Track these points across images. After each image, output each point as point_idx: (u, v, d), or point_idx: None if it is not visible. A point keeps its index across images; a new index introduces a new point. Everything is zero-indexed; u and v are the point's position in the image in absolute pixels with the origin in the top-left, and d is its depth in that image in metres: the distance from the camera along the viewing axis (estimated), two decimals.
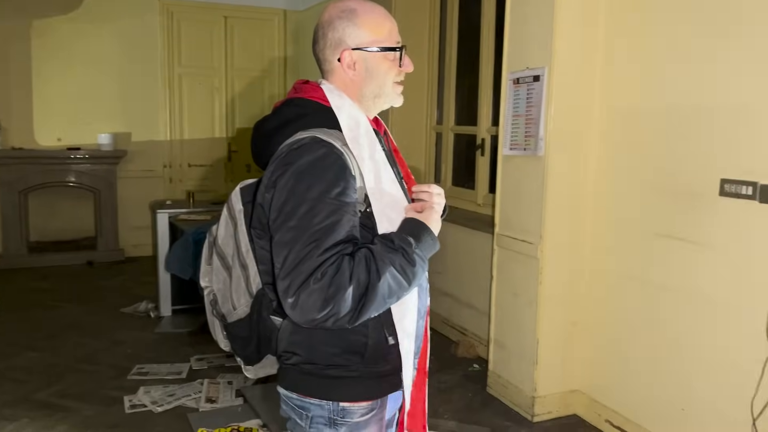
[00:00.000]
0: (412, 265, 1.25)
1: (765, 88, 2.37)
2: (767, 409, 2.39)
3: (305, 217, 1.22)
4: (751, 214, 2.43)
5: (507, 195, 3.41)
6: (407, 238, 1.26)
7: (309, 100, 1.39)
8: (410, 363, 1.38)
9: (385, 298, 1.23)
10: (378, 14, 1.39)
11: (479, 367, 3.90)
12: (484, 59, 4.33)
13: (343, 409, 1.37)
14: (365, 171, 1.30)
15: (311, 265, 1.18)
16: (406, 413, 1.44)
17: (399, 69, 1.40)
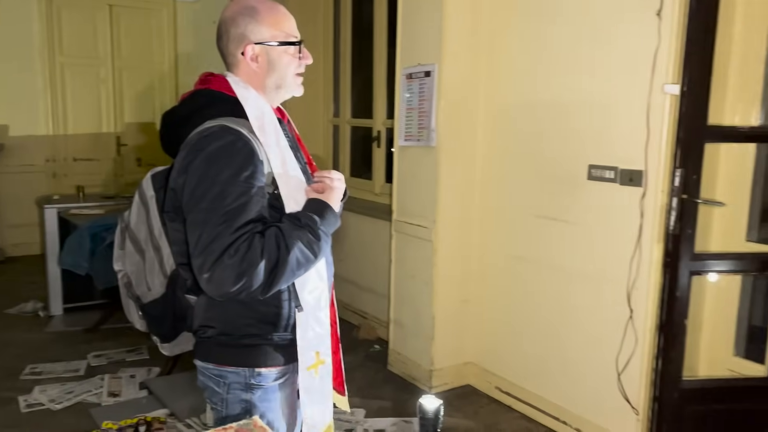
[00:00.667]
0: (317, 239, 1.40)
1: (622, 87, 2.71)
2: (630, 364, 2.75)
3: (217, 199, 1.33)
4: (612, 194, 2.78)
5: (403, 183, 3.63)
6: (312, 216, 1.41)
7: (215, 91, 1.49)
8: (313, 328, 1.51)
9: (294, 270, 1.37)
10: (277, 12, 1.52)
11: (380, 347, 4.11)
12: (377, 55, 4.53)
13: (258, 374, 1.50)
14: (272, 156, 1.42)
15: (224, 243, 1.30)
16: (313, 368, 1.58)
17: (299, 61, 1.53)
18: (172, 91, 6.90)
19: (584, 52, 2.88)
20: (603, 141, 2.83)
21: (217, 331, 1.50)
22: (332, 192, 1.49)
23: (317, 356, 1.56)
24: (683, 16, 2.43)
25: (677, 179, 2.43)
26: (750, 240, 2.75)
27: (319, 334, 1.54)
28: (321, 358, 1.56)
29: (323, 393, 1.60)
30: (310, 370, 1.56)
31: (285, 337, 1.51)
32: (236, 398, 1.52)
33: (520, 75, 3.22)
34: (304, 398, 1.56)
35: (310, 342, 1.53)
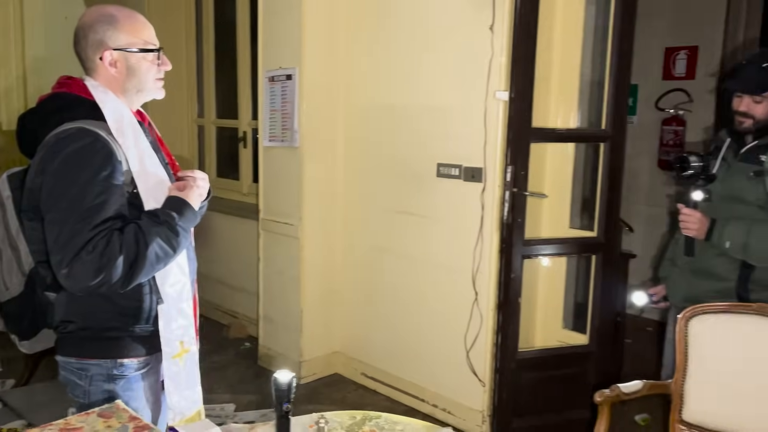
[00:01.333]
0: (176, 235, 1.50)
1: (463, 93, 3.01)
2: (476, 342, 3.06)
3: (75, 198, 1.41)
4: (458, 190, 3.08)
5: (269, 183, 3.75)
6: (171, 213, 1.51)
7: (73, 95, 1.55)
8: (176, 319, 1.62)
9: (153, 264, 1.47)
10: (136, 19, 1.60)
11: (250, 344, 4.20)
12: (241, 57, 4.59)
13: (120, 365, 1.58)
14: (130, 157, 1.51)
15: (82, 239, 1.38)
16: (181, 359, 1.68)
17: (158, 68, 1.62)
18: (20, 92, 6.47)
19: (431, 60, 3.15)
20: (449, 141, 3.12)
21: (78, 326, 1.56)
22: (192, 190, 1.60)
23: (182, 345, 1.66)
24: (511, 31, 2.76)
25: (508, 175, 2.76)
26: (573, 227, 3.17)
27: (183, 325, 1.64)
28: (186, 347, 1.67)
29: (190, 380, 1.69)
30: (175, 359, 1.65)
31: (147, 328, 1.60)
32: (99, 389, 1.59)
33: (375, 79, 3.45)
34: (170, 386, 1.65)
35: (174, 332, 1.62)
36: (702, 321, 2.14)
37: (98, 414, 1.28)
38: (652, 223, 4.61)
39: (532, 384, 2.92)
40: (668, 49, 4.58)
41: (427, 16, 3.14)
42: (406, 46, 3.26)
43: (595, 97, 3.14)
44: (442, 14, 3.08)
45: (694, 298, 2.29)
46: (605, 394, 2.15)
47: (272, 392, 1.47)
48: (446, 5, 3.04)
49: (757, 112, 2.18)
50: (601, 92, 3.03)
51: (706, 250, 2.28)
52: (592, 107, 3.16)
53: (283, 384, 1.45)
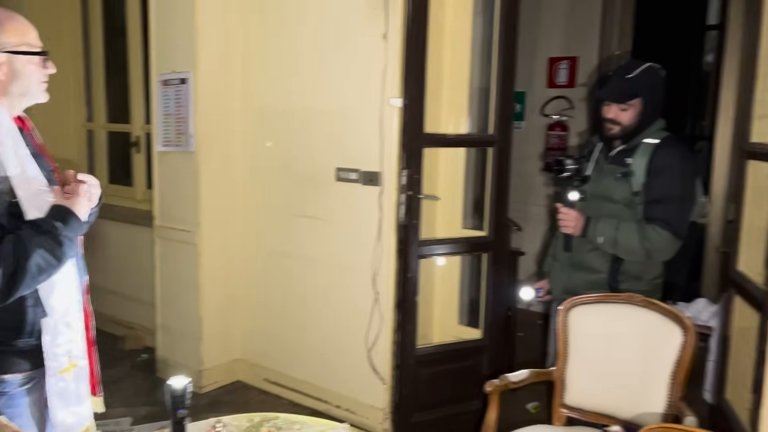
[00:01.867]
0: (60, 245, 1.47)
1: (360, 99, 3.09)
2: (377, 340, 3.15)
3: None
4: (357, 193, 3.16)
5: (164, 189, 3.66)
6: (54, 222, 1.48)
7: None
8: (63, 333, 1.58)
9: (35, 276, 1.43)
10: (21, 22, 1.57)
11: (147, 355, 4.06)
12: (132, 59, 4.44)
13: (1, 381, 1.53)
14: (9, 165, 1.47)
15: None
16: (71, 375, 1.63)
17: (43, 71, 1.59)
18: None
19: (328, 66, 3.21)
20: (347, 146, 3.19)
21: None
22: (79, 198, 1.56)
23: (69, 360, 1.62)
24: (403, 40, 2.87)
25: (404, 179, 2.87)
26: (465, 227, 3.33)
27: (71, 339, 1.60)
28: (73, 361, 1.62)
29: (79, 395, 1.65)
30: (63, 374, 1.61)
31: (30, 342, 1.55)
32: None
33: (273, 84, 3.46)
34: (56, 402, 1.60)
35: (61, 347, 1.58)
36: (579, 311, 2.33)
37: None
38: (540, 221, 4.90)
39: (430, 379, 3.04)
40: (552, 59, 4.89)
41: (323, 23, 3.20)
42: (304, 52, 3.29)
43: (483, 104, 3.32)
44: (338, 21, 3.14)
45: (572, 289, 2.49)
46: (495, 384, 2.29)
47: (167, 399, 1.46)
48: (342, 13, 3.11)
49: (623, 120, 2.40)
50: (488, 99, 3.21)
51: (582, 246, 2.49)
52: (481, 113, 3.33)
53: (177, 390, 1.45)
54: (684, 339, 2.11)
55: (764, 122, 2.35)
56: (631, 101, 2.37)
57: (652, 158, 2.35)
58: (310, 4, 3.23)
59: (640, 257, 2.37)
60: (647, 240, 2.32)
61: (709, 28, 5.78)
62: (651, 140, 2.39)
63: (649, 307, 2.21)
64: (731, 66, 4.51)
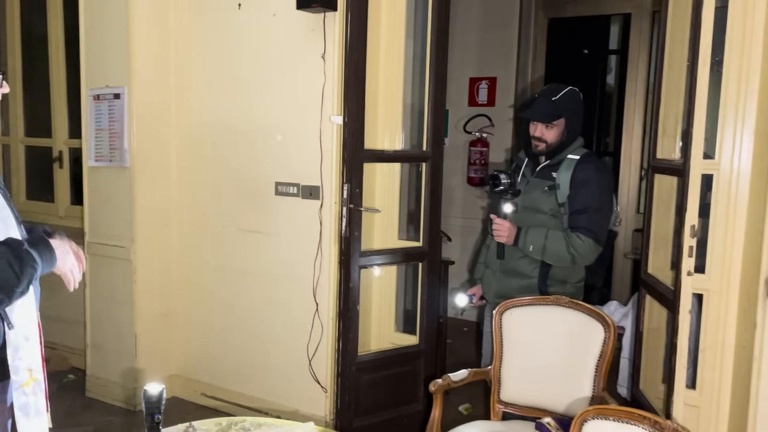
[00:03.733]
0: (22, 261, 1.47)
1: (299, 116, 3.18)
2: (318, 350, 3.23)
3: None
4: (297, 207, 3.24)
5: (95, 204, 3.59)
6: (22, 243, 1.50)
7: None
8: (24, 346, 1.59)
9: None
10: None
11: (74, 376, 3.94)
12: (54, 71, 4.32)
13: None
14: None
15: None
16: None
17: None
18: None
19: (267, 83, 3.29)
20: (286, 161, 3.27)
21: None
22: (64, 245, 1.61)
23: (30, 374, 1.62)
24: (342, 61, 3.01)
25: (345, 192, 2.99)
26: (401, 238, 3.49)
27: (30, 353, 1.61)
28: (34, 375, 1.63)
29: (38, 409, 1.66)
30: (24, 388, 1.61)
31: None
32: None
33: (210, 100, 3.49)
34: (20, 417, 1.60)
35: (22, 360, 1.59)
36: (511, 314, 2.53)
37: None
38: (465, 232, 5.16)
39: (371, 384, 3.16)
40: (472, 79, 5.18)
41: (262, 41, 3.28)
42: (243, 69, 3.36)
43: (416, 121, 3.50)
44: (277, 41, 3.23)
45: (505, 294, 2.70)
46: (438, 384, 2.44)
47: (143, 405, 1.51)
48: (280, 33, 3.21)
49: (548, 138, 2.64)
50: (419, 116, 3.40)
51: (513, 253, 2.70)
52: (414, 130, 3.51)
53: (153, 396, 1.50)
54: (605, 335, 2.35)
55: (666, 141, 2.66)
56: (556, 121, 2.61)
57: (575, 172, 2.60)
58: (248, 23, 3.30)
59: (566, 263, 2.61)
60: (573, 247, 2.56)
61: (610, 53, 6.29)
62: (573, 156, 2.64)
63: (574, 308, 2.43)
64: (632, 88, 4.97)
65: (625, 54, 5.30)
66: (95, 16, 3.48)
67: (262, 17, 3.25)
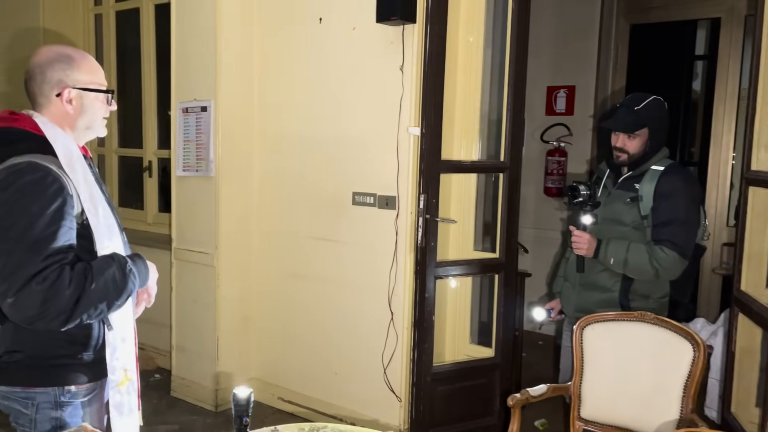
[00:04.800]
0: (126, 280, 1.56)
1: (376, 127, 3.23)
2: (393, 359, 3.25)
3: (25, 228, 1.45)
4: (373, 216, 3.28)
5: (182, 212, 3.76)
6: (126, 259, 1.59)
7: (20, 129, 1.60)
8: (121, 347, 1.68)
9: (96, 303, 1.51)
10: (91, 61, 1.69)
11: (160, 376, 4.13)
12: (146, 85, 4.57)
13: (68, 392, 1.63)
14: (81, 191, 1.57)
15: (32, 270, 1.42)
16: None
17: (106, 107, 1.72)
18: None
19: (346, 94, 3.35)
20: (363, 171, 3.32)
21: (25, 355, 1.59)
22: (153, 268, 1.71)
23: (125, 374, 1.72)
24: (420, 72, 3.03)
25: (421, 203, 3.00)
26: (477, 249, 3.47)
27: (126, 353, 1.70)
28: (128, 375, 1.73)
29: (131, 408, 1.76)
30: (119, 387, 1.70)
31: (92, 356, 1.65)
32: (46, 417, 1.62)
33: (291, 111, 3.60)
34: (115, 414, 1.70)
35: (119, 360, 1.68)
36: (593, 329, 2.46)
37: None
38: (540, 244, 5.06)
39: (446, 396, 3.15)
40: (550, 87, 5.09)
41: (341, 53, 3.35)
42: (322, 82, 3.44)
43: (493, 131, 3.48)
44: (355, 54, 3.30)
45: (584, 308, 2.63)
46: (516, 398, 2.40)
47: (232, 407, 1.56)
48: (359, 45, 3.27)
49: (630, 148, 2.56)
50: (496, 126, 3.38)
51: (594, 267, 2.63)
52: (491, 140, 3.49)
53: (242, 399, 1.55)
54: (695, 354, 2.24)
55: (762, 151, 2.53)
56: (639, 131, 2.54)
57: (659, 184, 2.51)
58: (329, 37, 3.38)
59: (649, 277, 2.52)
60: (656, 260, 2.47)
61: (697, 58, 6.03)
62: (657, 167, 2.55)
63: (660, 325, 2.34)
64: (722, 95, 4.74)
65: (712, 59, 5.07)
66: (185, 33, 3.66)
67: (342, 30, 3.33)
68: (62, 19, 4.84)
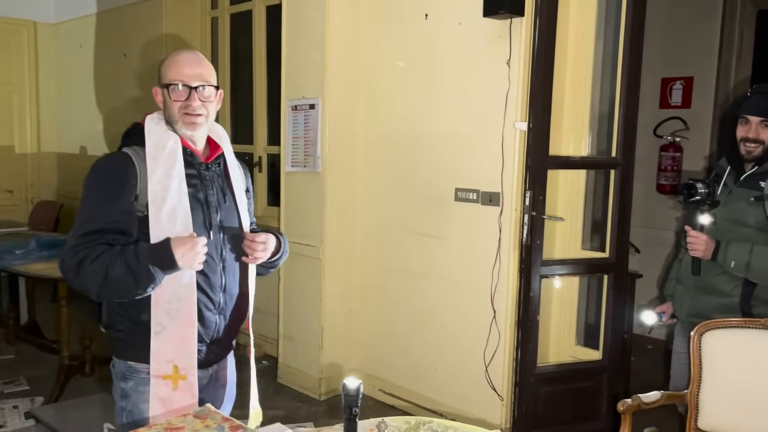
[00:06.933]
0: (140, 272, 1.58)
1: (481, 122, 3.20)
2: (495, 357, 3.22)
3: (83, 207, 1.65)
4: (476, 213, 3.26)
5: (290, 206, 3.91)
6: (146, 252, 1.60)
7: (138, 124, 1.77)
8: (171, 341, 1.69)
9: (119, 289, 1.59)
10: (179, 59, 1.74)
11: (268, 363, 4.32)
12: (257, 84, 4.77)
13: (130, 366, 1.75)
14: (152, 182, 1.65)
15: (72, 242, 1.61)
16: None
17: (182, 102, 1.71)
18: (33, 114, 6.63)
19: (450, 90, 3.35)
20: (467, 167, 3.30)
21: (105, 324, 1.77)
22: (187, 245, 1.62)
23: (175, 370, 1.70)
24: (528, 66, 2.97)
25: (527, 199, 2.95)
26: (585, 248, 3.36)
27: (177, 348, 1.70)
28: (181, 373, 1.70)
29: (183, 407, 1.71)
30: (166, 380, 1.70)
31: (143, 340, 1.69)
32: (118, 385, 1.78)
33: (395, 108, 3.64)
34: (157, 405, 1.70)
35: (165, 352, 1.69)
36: (713, 335, 2.32)
37: (194, 416, 1.42)
38: (649, 244, 4.81)
39: (550, 397, 3.08)
40: (665, 79, 4.82)
41: (446, 49, 3.35)
42: (428, 77, 3.45)
43: (604, 126, 3.35)
44: (461, 48, 3.28)
45: (700, 313, 2.48)
46: (627, 404, 2.31)
47: (342, 397, 1.61)
48: (464, 42, 3.25)
49: (766, 137, 2.37)
50: (607, 121, 3.25)
51: (711, 269, 2.47)
52: (601, 135, 3.37)
53: (352, 389, 1.59)
54: None
55: None
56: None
57: None
58: (434, 32, 3.39)
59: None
60: None
61: None
62: None
63: None
64: None
65: None
66: (296, 34, 3.79)
67: (448, 26, 3.32)
68: (182, 24, 5.16)
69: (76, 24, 6.28)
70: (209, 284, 1.75)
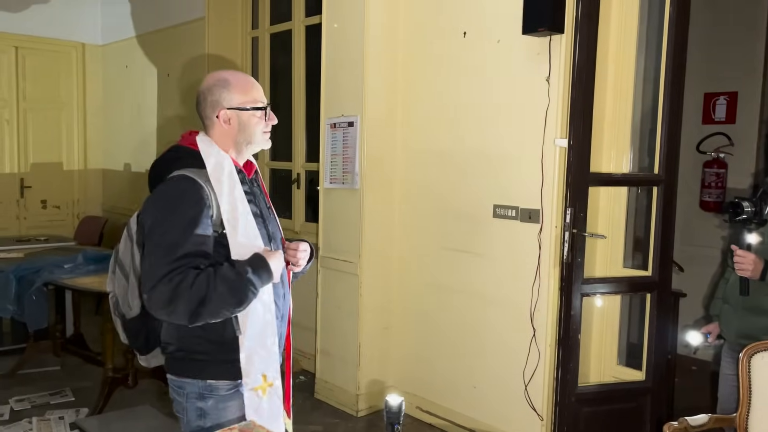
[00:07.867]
0: (243, 290, 1.63)
1: (520, 139, 3.19)
2: (534, 376, 3.18)
3: (163, 233, 1.63)
4: (515, 230, 3.24)
5: (328, 222, 3.95)
6: (246, 267, 1.66)
7: (185, 147, 1.79)
8: (258, 352, 1.74)
9: (219, 308, 1.61)
10: (246, 82, 1.81)
11: (305, 377, 4.34)
12: (296, 102, 4.85)
13: (209, 385, 1.76)
14: (222, 203, 1.70)
15: (162, 271, 1.59)
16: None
17: (265, 122, 1.82)
18: (81, 132, 6.86)
19: (487, 107, 3.35)
20: (505, 184, 3.29)
21: (175, 347, 1.77)
22: (275, 255, 1.73)
23: (264, 379, 1.77)
24: (568, 83, 2.96)
25: (568, 216, 2.92)
26: (626, 266, 3.30)
27: (264, 358, 1.75)
28: (269, 380, 1.77)
29: (272, 413, 1.80)
30: (257, 391, 1.77)
31: (232, 356, 1.74)
32: (193, 406, 1.78)
33: (433, 125, 3.65)
34: (253, 416, 1.75)
35: (255, 365, 1.74)
36: (764, 357, 2.25)
37: (239, 429, 1.44)
38: (693, 262, 4.69)
39: (591, 418, 3.02)
40: (708, 94, 4.74)
41: (485, 66, 3.35)
42: (466, 94, 3.46)
43: (645, 142, 3.30)
44: (499, 65, 3.29)
45: (749, 334, 2.41)
46: (674, 426, 2.25)
47: (384, 414, 1.61)
48: (504, 57, 3.25)
49: None
50: (648, 137, 3.20)
51: (760, 289, 2.41)
52: (643, 151, 3.32)
53: (394, 407, 1.59)
54: None
55: None
56: None
57: None
58: (472, 50, 3.40)
59: None
60: None
61: None
62: None
63: None
64: None
65: None
66: (335, 53, 3.85)
67: (486, 44, 3.33)
68: (224, 44, 5.28)
69: (122, 45, 6.50)
70: (276, 293, 1.81)
